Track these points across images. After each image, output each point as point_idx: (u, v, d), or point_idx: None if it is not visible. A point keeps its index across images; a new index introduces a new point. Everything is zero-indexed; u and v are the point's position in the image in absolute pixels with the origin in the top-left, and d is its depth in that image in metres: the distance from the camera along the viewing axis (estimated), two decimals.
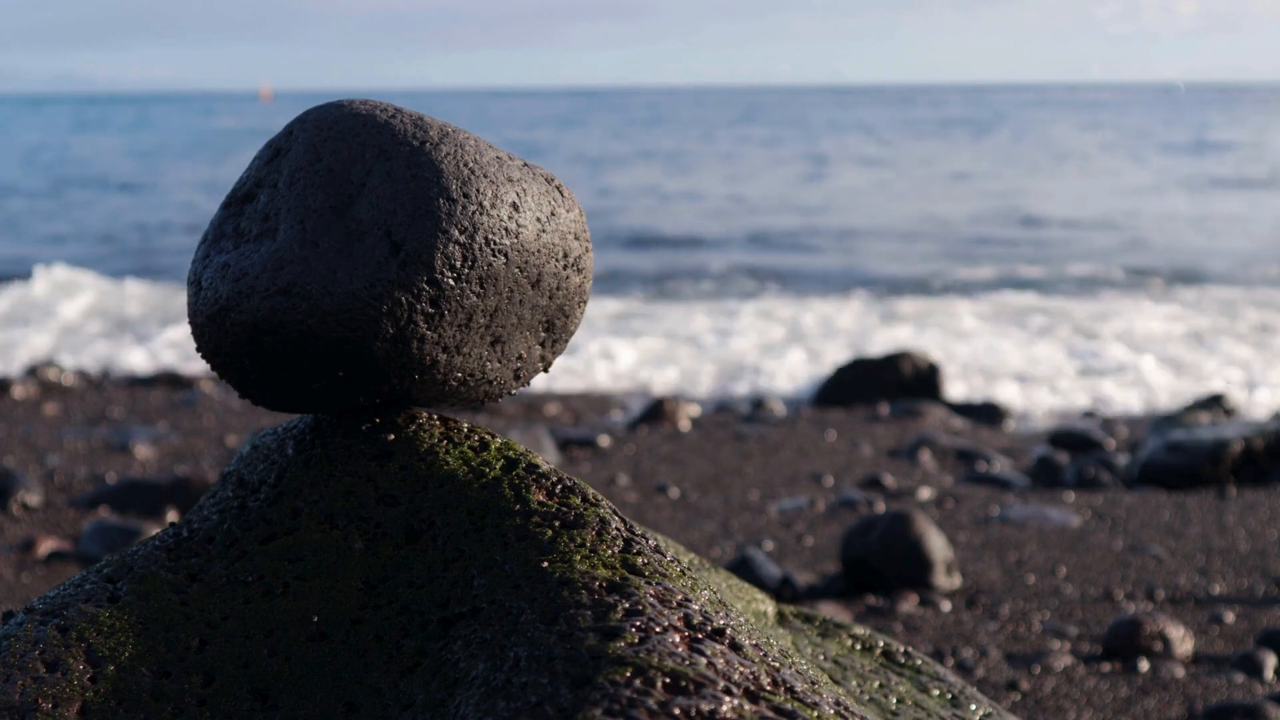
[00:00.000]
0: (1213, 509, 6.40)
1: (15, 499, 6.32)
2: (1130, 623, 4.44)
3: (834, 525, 6.13)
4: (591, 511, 1.77)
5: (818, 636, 2.22)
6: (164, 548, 1.84)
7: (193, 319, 1.83)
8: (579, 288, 1.91)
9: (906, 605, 4.92)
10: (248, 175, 1.86)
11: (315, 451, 1.87)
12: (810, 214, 25.64)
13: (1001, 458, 7.79)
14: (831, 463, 7.57)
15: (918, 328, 13.47)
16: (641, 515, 6.28)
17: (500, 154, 1.84)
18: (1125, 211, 25.22)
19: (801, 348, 12.36)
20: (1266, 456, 7.13)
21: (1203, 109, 79.47)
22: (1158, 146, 43.92)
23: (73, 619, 1.72)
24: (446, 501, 1.78)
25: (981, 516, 6.28)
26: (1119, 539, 5.87)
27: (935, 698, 2.08)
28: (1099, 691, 4.14)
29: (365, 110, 1.81)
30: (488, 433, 1.91)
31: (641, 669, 1.46)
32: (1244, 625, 4.74)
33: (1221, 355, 11.96)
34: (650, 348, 12.39)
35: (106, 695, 1.65)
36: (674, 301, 15.69)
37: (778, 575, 5.08)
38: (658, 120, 72.90)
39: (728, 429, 8.59)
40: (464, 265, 1.76)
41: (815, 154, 42.11)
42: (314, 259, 1.73)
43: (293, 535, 1.81)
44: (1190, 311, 14.42)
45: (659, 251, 20.69)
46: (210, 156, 43.09)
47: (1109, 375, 11.19)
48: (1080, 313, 14.28)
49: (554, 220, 1.85)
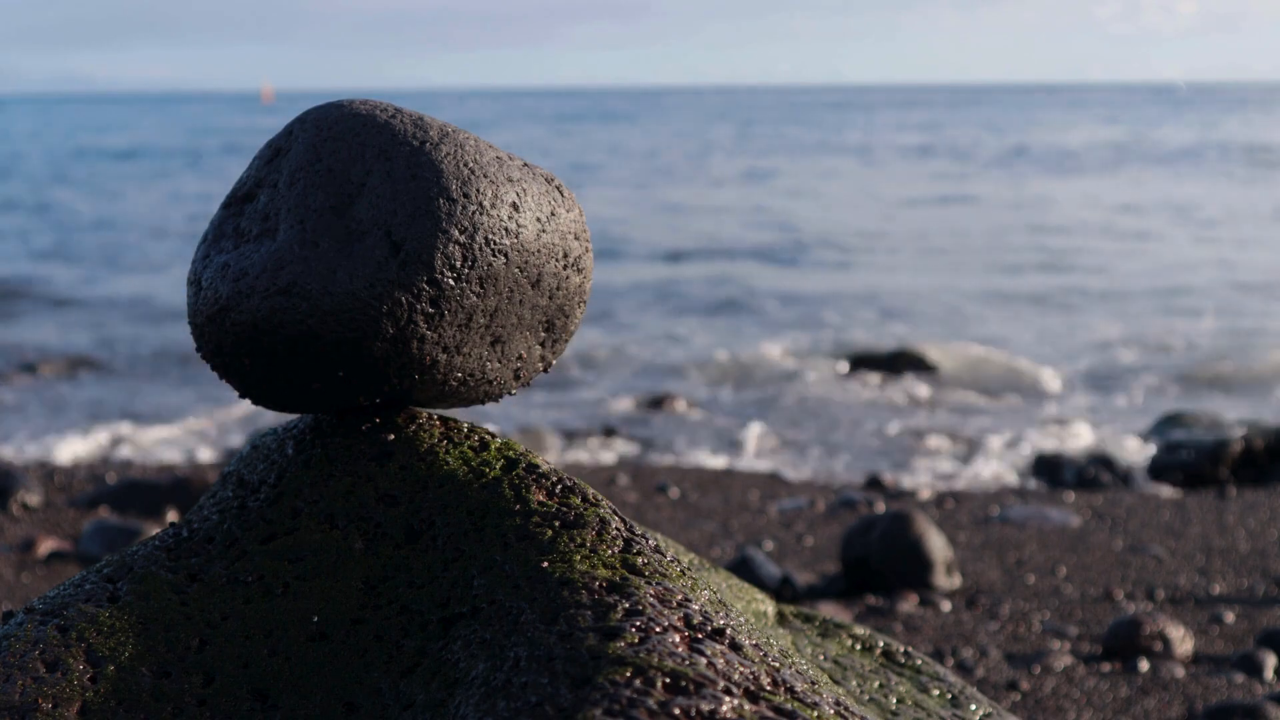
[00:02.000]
0: (1213, 509, 6.40)
1: (15, 499, 6.32)
2: (1130, 623, 4.44)
3: (834, 525, 6.13)
4: (591, 511, 1.77)
5: (818, 636, 2.22)
6: (164, 548, 1.84)
7: (193, 319, 1.83)
8: (579, 288, 1.91)
9: (906, 605, 4.92)
10: (248, 175, 1.86)
11: (315, 451, 1.87)
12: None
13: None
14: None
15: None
16: (641, 515, 6.28)
17: (500, 154, 1.84)
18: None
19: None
20: (1266, 456, 7.13)
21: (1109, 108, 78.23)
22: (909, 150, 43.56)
23: (73, 619, 1.72)
24: (446, 501, 1.78)
25: (981, 516, 6.28)
26: (1119, 539, 5.87)
27: (935, 698, 2.08)
28: (1099, 691, 4.14)
29: (365, 110, 1.81)
30: (488, 433, 1.91)
31: (641, 669, 1.46)
32: (1244, 625, 4.74)
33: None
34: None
35: (106, 695, 1.65)
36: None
37: (778, 575, 5.08)
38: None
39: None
40: (464, 265, 1.76)
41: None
42: (314, 259, 1.73)
43: (293, 535, 1.81)
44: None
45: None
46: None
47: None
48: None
49: (554, 220, 1.85)
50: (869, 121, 68.33)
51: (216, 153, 45.43)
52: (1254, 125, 55.76)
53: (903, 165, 37.26)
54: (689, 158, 40.48)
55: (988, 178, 32.78)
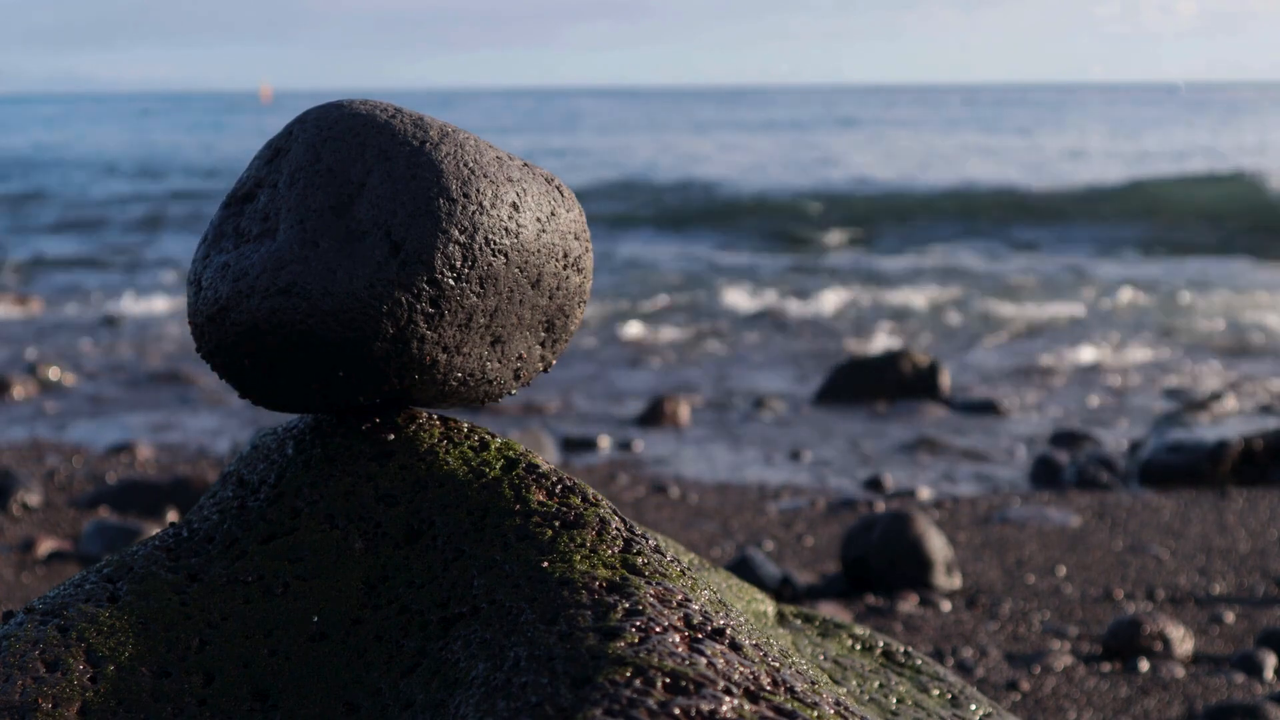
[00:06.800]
0: (1213, 509, 6.40)
1: (15, 499, 6.32)
2: (1130, 623, 4.44)
3: (834, 525, 6.13)
4: (591, 511, 1.77)
5: (818, 636, 2.22)
6: (164, 548, 1.84)
7: (193, 319, 1.83)
8: (579, 288, 1.91)
9: (906, 605, 4.92)
10: (248, 175, 1.86)
11: (315, 451, 1.87)
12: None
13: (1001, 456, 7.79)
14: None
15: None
16: (641, 515, 6.28)
17: (500, 154, 1.84)
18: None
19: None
20: (1266, 456, 7.13)
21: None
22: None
23: (73, 619, 1.72)
24: (446, 501, 1.78)
25: (981, 516, 6.28)
26: (1119, 539, 5.87)
27: (935, 698, 2.08)
28: (1099, 691, 4.14)
29: (365, 110, 1.81)
30: (488, 433, 1.91)
31: (641, 669, 1.46)
32: (1244, 625, 4.74)
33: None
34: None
35: (106, 695, 1.65)
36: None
37: (778, 575, 5.08)
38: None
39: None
40: (464, 265, 1.76)
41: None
42: (314, 259, 1.73)
43: (293, 535, 1.81)
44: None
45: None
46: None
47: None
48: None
49: (554, 220, 1.85)
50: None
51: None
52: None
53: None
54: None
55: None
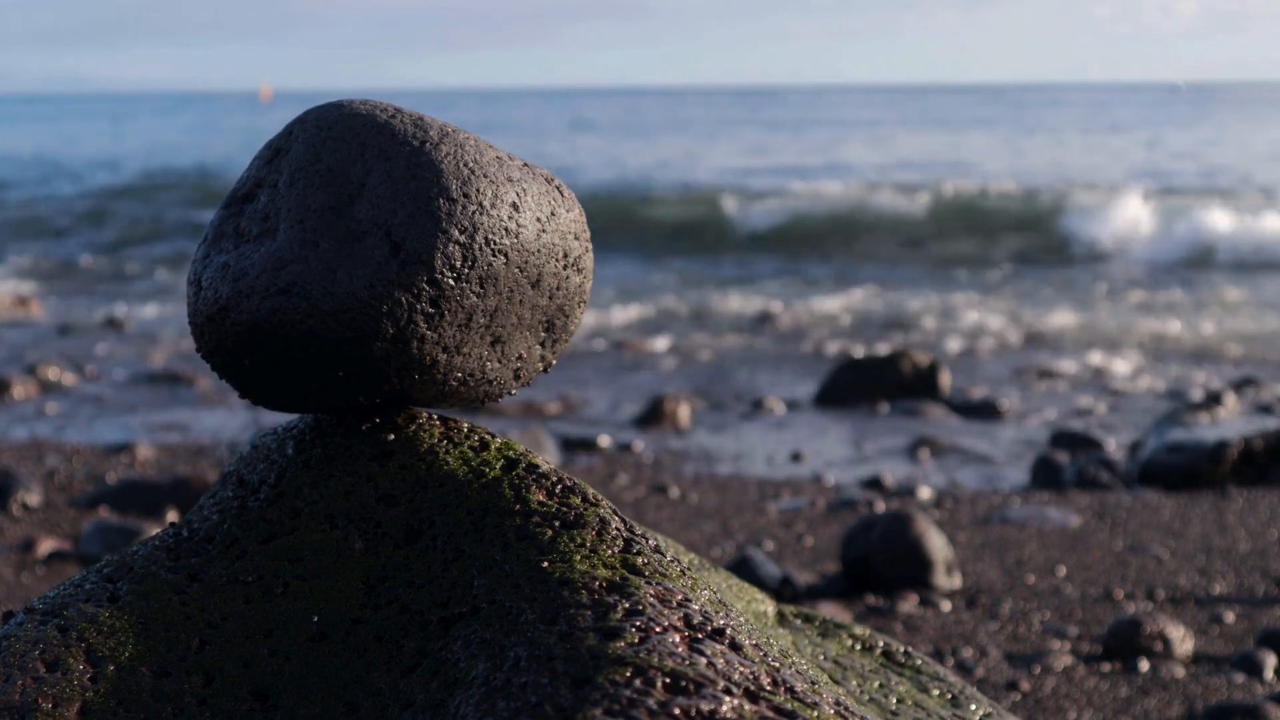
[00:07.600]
0: (1213, 509, 6.40)
1: (15, 499, 6.32)
2: (1130, 623, 4.44)
3: (834, 525, 6.13)
4: (591, 511, 1.77)
5: (818, 636, 2.22)
6: (164, 548, 1.84)
7: (193, 319, 1.83)
8: (579, 288, 1.91)
9: (906, 605, 4.92)
10: (248, 175, 1.86)
11: (315, 451, 1.87)
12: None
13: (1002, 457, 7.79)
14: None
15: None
16: (641, 515, 6.28)
17: (500, 154, 1.84)
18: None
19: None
20: (1266, 456, 7.13)
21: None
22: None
23: (73, 619, 1.72)
24: (446, 501, 1.78)
25: (981, 516, 6.28)
26: (1119, 539, 5.87)
27: (935, 698, 2.08)
28: (1099, 691, 4.14)
29: (365, 110, 1.81)
30: (488, 433, 1.91)
31: (641, 669, 1.46)
32: (1244, 625, 4.74)
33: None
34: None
35: (106, 695, 1.65)
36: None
37: (778, 575, 5.08)
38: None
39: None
40: (464, 265, 1.76)
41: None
42: (314, 259, 1.73)
43: (293, 535, 1.81)
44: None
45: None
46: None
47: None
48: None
49: (554, 220, 1.85)
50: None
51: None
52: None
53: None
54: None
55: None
